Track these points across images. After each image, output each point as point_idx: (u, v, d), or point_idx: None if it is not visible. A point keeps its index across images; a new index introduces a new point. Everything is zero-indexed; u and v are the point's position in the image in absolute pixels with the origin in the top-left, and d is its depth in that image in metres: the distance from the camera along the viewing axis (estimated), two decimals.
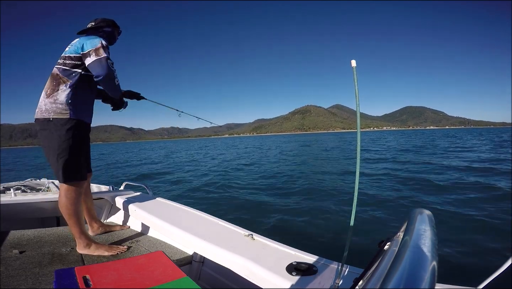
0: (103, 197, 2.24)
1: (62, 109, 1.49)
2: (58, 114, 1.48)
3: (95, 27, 1.71)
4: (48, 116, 1.48)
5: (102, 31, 1.72)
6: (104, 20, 1.75)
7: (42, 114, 1.49)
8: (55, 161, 1.48)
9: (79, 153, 1.55)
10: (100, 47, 1.50)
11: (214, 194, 5.93)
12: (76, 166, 1.53)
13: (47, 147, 1.49)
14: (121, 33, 1.88)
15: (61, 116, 1.48)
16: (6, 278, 1.20)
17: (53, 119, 1.48)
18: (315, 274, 0.99)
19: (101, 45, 1.51)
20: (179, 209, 1.84)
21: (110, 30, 1.76)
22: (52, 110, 1.48)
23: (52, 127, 1.48)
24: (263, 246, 1.22)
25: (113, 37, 1.82)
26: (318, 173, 8.37)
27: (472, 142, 21.16)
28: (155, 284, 1.01)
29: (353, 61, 0.70)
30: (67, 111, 1.49)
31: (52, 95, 1.49)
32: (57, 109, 1.48)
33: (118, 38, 1.88)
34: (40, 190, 2.61)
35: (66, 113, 1.49)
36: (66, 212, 1.52)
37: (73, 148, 1.51)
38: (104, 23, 1.73)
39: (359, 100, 0.73)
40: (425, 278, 0.37)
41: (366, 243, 2.84)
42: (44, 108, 1.49)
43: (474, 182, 5.96)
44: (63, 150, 1.48)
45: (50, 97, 1.49)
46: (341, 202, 4.75)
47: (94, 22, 1.72)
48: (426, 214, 0.64)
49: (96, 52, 1.49)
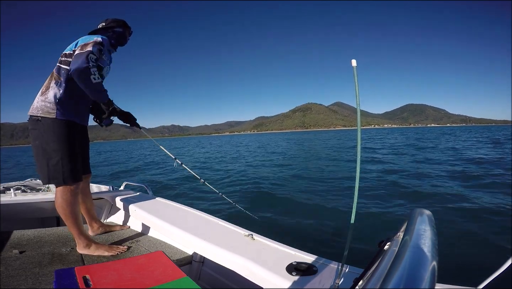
0: (103, 197, 2.24)
1: (49, 108, 1.44)
2: (46, 113, 1.44)
3: (105, 28, 1.69)
4: (37, 114, 1.44)
5: (112, 31, 1.70)
6: (115, 20, 1.72)
7: (32, 112, 1.46)
8: (42, 163, 1.44)
9: (71, 155, 1.49)
10: (90, 43, 1.42)
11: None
12: (68, 168, 1.47)
13: (36, 147, 1.46)
14: (132, 33, 1.84)
15: (48, 116, 1.44)
16: (6, 278, 1.20)
17: (41, 119, 1.44)
18: (315, 274, 0.99)
19: (92, 41, 1.44)
20: (179, 209, 1.84)
21: (121, 30, 1.74)
22: (41, 109, 1.44)
23: (40, 127, 1.44)
24: (263, 246, 1.22)
25: (124, 37, 1.78)
26: (318, 172, 8.36)
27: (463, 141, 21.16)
28: (155, 284, 1.01)
29: (353, 61, 0.69)
30: (54, 110, 1.44)
31: (44, 93, 1.47)
32: (45, 108, 1.44)
33: (129, 38, 1.84)
34: (40, 190, 2.61)
35: (53, 112, 1.44)
36: (63, 213, 1.50)
37: (64, 150, 1.46)
38: (115, 24, 1.71)
39: (359, 100, 0.73)
40: (425, 278, 0.37)
41: (366, 243, 2.84)
42: (35, 106, 1.46)
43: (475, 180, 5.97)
44: (52, 152, 1.44)
45: (43, 95, 1.47)
46: (341, 202, 4.75)
47: (105, 23, 1.70)
48: (426, 214, 0.64)
49: (83, 47, 1.41)
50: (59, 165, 1.45)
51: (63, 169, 1.46)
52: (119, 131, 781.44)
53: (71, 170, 1.49)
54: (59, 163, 1.45)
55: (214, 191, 2.19)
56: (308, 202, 4.89)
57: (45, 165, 1.45)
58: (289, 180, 7.22)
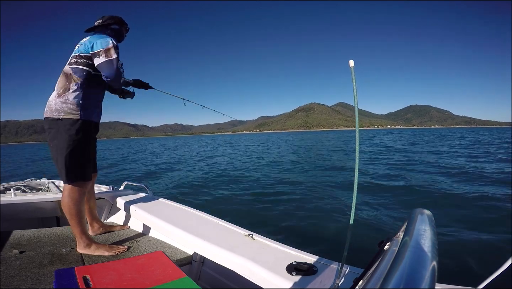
0: (103, 197, 2.24)
1: (73, 110, 1.48)
2: (69, 114, 1.47)
3: (102, 25, 1.69)
4: (58, 116, 1.46)
5: (110, 29, 1.70)
6: (112, 17, 1.73)
7: (52, 114, 1.47)
8: (61, 161, 1.47)
9: (85, 154, 1.55)
10: (111, 48, 1.50)
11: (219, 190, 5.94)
12: (81, 167, 1.52)
13: (55, 146, 1.48)
14: (128, 30, 1.86)
15: (72, 117, 1.47)
16: (6, 278, 1.20)
17: (63, 119, 1.46)
18: (315, 274, 0.99)
19: (112, 45, 1.51)
20: (179, 209, 1.84)
21: (117, 27, 1.74)
22: (62, 110, 1.47)
23: (61, 126, 1.47)
24: (263, 246, 1.22)
25: (121, 34, 1.79)
26: (317, 171, 8.36)
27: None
28: (155, 284, 1.01)
29: (351, 62, 0.69)
30: (77, 112, 1.49)
31: (63, 95, 1.48)
32: (67, 109, 1.47)
33: (126, 35, 1.86)
34: (40, 190, 2.61)
35: (77, 114, 1.49)
36: (68, 211, 1.51)
37: (81, 149, 1.50)
38: (112, 21, 1.71)
39: (357, 100, 0.73)
40: (425, 278, 0.37)
41: (366, 243, 2.84)
42: (54, 108, 1.47)
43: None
44: (70, 150, 1.47)
45: (61, 96, 1.48)
46: (341, 201, 4.75)
47: (102, 20, 1.70)
48: (426, 214, 0.64)
49: (107, 53, 1.48)
50: (76, 163, 1.49)
51: (79, 168, 1.51)
52: (122, 129, 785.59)
53: (85, 169, 1.54)
54: (76, 161, 1.49)
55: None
56: (308, 202, 4.89)
57: (63, 164, 1.47)
58: (289, 180, 7.22)
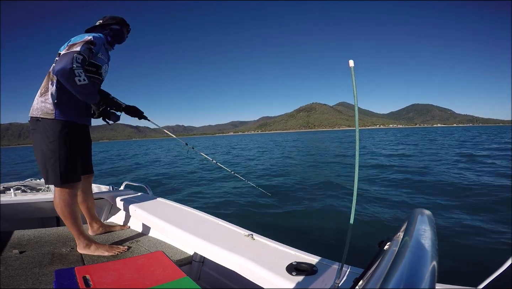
0: (103, 197, 2.24)
1: (49, 109, 1.45)
2: (45, 114, 1.44)
3: (102, 25, 1.67)
4: (37, 115, 1.45)
5: (109, 28, 1.68)
6: (113, 17, 1.71)
7: (33, 113, 1.46)
8: (41, 163, 1.45)
9: (68, 156, 1.49)
10: (79, 43, 1.40)
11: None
12: (65, 169, 1.47)
13: (35, 147, 1.46)
14: (130, 31, 1.82)
15: (48, 117, 1.44)
16: (6, 278, 1.20)
17: (41, 120, 1.44)
18: (315, 274, 0.99)
19: (81, 41, 1.42)
20: (179, 209, 1.84)
21: (118, 28, 1.71)
22: (40, 110, 1.45)
23: (40, 127, 1.44)
24: (263, 246, 1.22)
25: (121, 35, 1.75)
26: (317, 171, 8.36)
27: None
28: (155, 284, 1.00)
29: (351, 61, 0.69)
30: (53, 111, 1.45)
31: (44, 94, 1.46)
32: (45, 108, 1.45)
33: (127, 36, 1.82)
34: (40, 190, 2.61)
35: (52, 113, 1.45)
36: (61, 213, 1.50)
37: (62, 150, 1.46)
38: (113, 21, 1.69)
39: (358, 100, 0.73)
40: (425, 278, 0.37)
41: (366, 243, 2.84)
42: (35, 107, 1.46)
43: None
44: (50, 152, 1.44)
45: (42, 96, 1.46)
46: (341, 201, 4.75)
47: (102, 20, 1.68)
48: (426, 214, 0.64)
49: (70, 47, 1.38)
50: (57, 165, 1.45)
51: (61, 170, 1.46)
52: (124, 131, 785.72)
53: (69, 171, 1.49)
54: (56, 163, 1.45)
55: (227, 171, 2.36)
56: (308, 202, 4.89)
57: (43, 166, 1.45)
58: (289, 180, 7.22)
